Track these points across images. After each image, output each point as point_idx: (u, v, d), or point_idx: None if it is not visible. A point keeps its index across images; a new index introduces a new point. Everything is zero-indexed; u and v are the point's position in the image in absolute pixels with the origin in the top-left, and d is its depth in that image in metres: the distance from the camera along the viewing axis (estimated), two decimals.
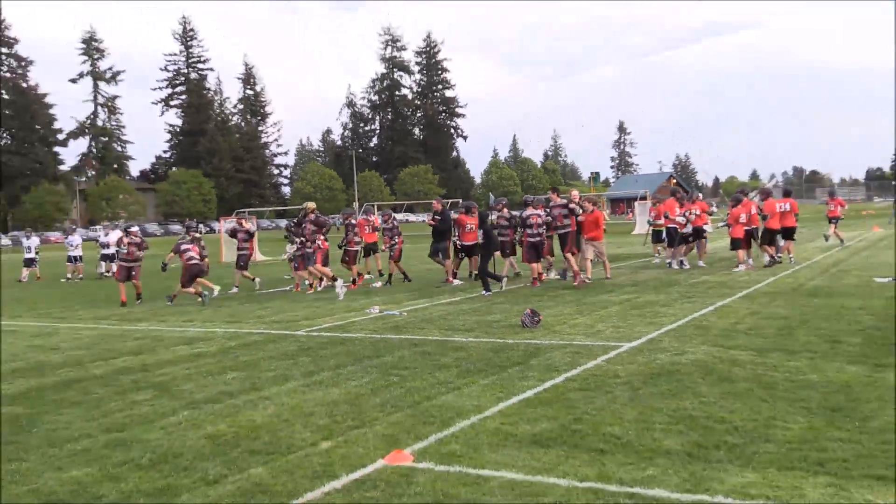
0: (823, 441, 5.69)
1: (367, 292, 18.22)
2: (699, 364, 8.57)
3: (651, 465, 5.33)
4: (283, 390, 8.22)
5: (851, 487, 4.79)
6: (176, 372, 9.55)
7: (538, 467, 5.38)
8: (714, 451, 5.58)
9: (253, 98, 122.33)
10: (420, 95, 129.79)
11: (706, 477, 5.05)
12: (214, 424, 6.94)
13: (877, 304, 12.66)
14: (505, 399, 7.35)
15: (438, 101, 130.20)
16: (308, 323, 13.35)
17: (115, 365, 10.25)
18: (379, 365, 9.36)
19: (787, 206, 20.86)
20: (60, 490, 5.40)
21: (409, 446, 5.97)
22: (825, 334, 10.07)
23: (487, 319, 12.81)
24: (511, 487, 5.02)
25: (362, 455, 5.82)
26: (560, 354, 9.50)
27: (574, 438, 6.01)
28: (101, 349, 11.65)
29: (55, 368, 10.19)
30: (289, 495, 5.05)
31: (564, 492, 4.89)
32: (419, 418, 6.82)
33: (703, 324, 11.41)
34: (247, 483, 5.34)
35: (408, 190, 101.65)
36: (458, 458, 5.65)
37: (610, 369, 8.53)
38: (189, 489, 5.28)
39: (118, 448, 6.35)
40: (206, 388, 8.54)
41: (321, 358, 10.01)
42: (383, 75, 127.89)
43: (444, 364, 9.22)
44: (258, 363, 9.87)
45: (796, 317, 11.63)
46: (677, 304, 13.76)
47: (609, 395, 7.33)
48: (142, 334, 13.06)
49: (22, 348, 12.10)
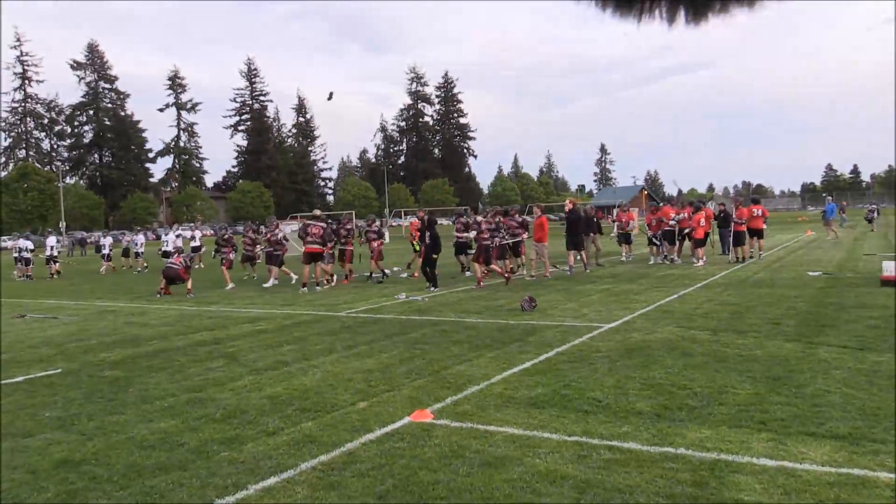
0: (766, 404, 5.67)
1: (395, 282, 18.16)
2: (665, 341, 8.53)
3: (626, 423, 5.33)
4: (328, 360, 8.24)
5: (789, 442, 4.77)
6: (242, 344, 9.59)
7: (534, 424, 5.38)
8: (677, 411, 5.57)
9: (304, 124, 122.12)
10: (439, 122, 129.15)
11: (670, 433, 5.04)
12: (273, 387, 6.97)
13: (809, 292, 12.57)
14: (507, 369, 7.35)
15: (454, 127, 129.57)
16: (348, 306, 13.38)
17: (193, 338, 10.31)
18: (405, 340, 9.37)
19: (759, 211, 20.59)
20: (151, 438, 5.44)
21: (429, 406, 5.98)
22: (768, 318, 10.01)
23: (494, 305, 12.79)
24: (512, 440, 5.02)
25: (392, 413, 5.84)
26: (552, 333, 9.48)
27: (563, 401, 6.00)
28: (182, 326, 11.71)
29: (146, 341, 10.26)
30: (333, 445, 5.07)
31: (556, 444, 4.90)
32: (438, 384, 6.83)
33: (669, 308, 11.35)
34: (299, 434, 5.36)
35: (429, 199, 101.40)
36: (470, 417, 5.66)
37: (593, 345, 8.51)
38: (253, 439, 5.31)
39: (196, 405, 6.39)
40: (266, 357, 8.58)
41: (359, 334, 10.03)
42: (409, 105, 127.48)
43: (458, 340, 9.22)
44: (308, 338, 9.90)
45: (744, 303, 11.56)
46: (648, 292, 13.69)
47: (592, 367, 7.31)
48: (214, 314, 13.12)
49: (120, 324, 12.18)
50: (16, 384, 7.64)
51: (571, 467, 4.45)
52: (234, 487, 4.35)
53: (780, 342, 8.24)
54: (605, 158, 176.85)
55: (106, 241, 28.78)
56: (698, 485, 4.12)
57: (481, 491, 4.14)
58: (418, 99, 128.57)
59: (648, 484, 4.15)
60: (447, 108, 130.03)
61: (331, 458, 4.81)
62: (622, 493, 4.03)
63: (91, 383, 7.53)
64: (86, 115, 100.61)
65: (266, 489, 4.32)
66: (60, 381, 7.68)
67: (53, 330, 11.86)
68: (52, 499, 4.32)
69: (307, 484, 4.36)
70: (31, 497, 4.36)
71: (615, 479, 4.23)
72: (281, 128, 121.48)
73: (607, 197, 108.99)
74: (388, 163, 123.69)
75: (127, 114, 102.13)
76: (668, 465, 4.42)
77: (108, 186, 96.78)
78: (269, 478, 4.48)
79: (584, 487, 4.14)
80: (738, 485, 4.10)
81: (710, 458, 4.53)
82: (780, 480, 4.14)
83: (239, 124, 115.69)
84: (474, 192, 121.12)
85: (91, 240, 29.47)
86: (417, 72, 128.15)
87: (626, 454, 4.65)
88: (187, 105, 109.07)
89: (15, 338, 11.11)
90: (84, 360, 8.88)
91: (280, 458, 4.85)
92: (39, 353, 9.61)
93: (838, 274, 15.65)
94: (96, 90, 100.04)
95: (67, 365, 8.62)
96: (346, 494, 4.18)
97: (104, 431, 5.69)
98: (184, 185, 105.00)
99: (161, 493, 4.31)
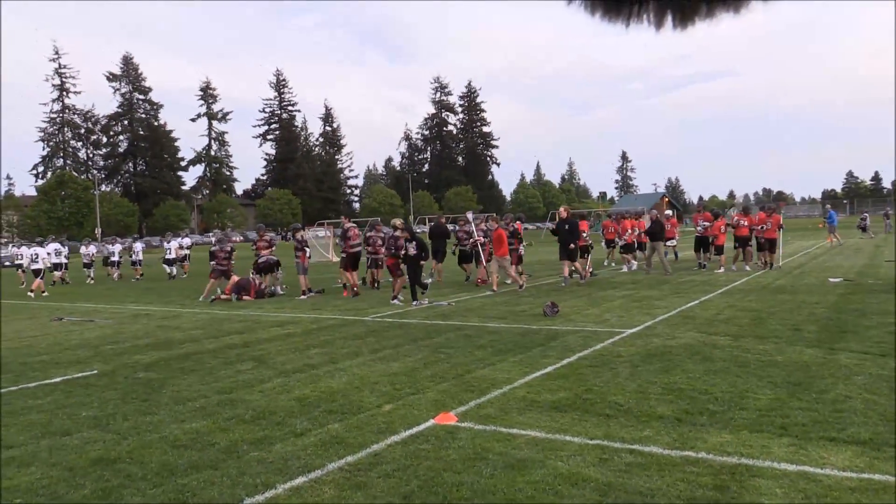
0: (786, 409, 5.61)
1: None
2: (686, 347, 8.47)
3: (647, 427, 5.30)
4: (354, 363, 8.28)
5: (809, 447, 4.71)
6: (271, 348, 9.66)
7: (556, 427, 5.36)
8: (698, 416, 5.52)
9: (331, 133, 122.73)
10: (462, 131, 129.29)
11: (691, 437, 5.00)
12: (301, 389, 7.01)
13: (830, 299, 12.40)
14: (530, 373, 7.34)
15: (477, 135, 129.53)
16: (374, 311, 13.42)
17: (224, 341, 10.40)
18: (430, 345, 9.39)
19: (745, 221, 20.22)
20: (183, 437, 5.51)
21: (453, 409, 5.99)
22: (788, 323, 9.89)
23: (516, 310, 12.77)
24: (535, 443, 5.01)
25: (417, 416, 5.85)
26: (574, 338, 9.45)
27: (585, 405, 5.98)
28: (213, 329, 11.83)
29: (178, 344, 10.37)
30: (359, 446, 5.10)
31: (578, 447, 4.88)
32: (462, 387, 6.83)
33: (689, 314, 11.26)
34: (326, 436, 5.40)
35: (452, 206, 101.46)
36: (493, 420, 5.65)
37: (614, 350, 8.47)
38: (281, 439, 5.35)
39: (227, 406, 6.45)
40: (294, 360, 8.64)
41: (384, 338, 10.06)
42: (433, 115, 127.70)
43: (482, 345, 9.21)
44: (335, 342, 9.95)
45: (765, 309, 11.43)
46: (669, 298, 13.59)
47: (613, 371, 7.28)
48: (244, 318, 13.23)
49: (153, 328, 12.33)
50: (54, 385, 7.77)
51: (593, 470, 4.43)
52: (264, 486, 4.39)
53: (801, 348, 8.15)
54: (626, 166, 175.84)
55: (115, 248, 28.90)
56: (719, 489, 4.08)
57: (504, 493, 4.14)
58: (442, 108, 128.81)
59: (670, 487, 4.12)
60: (470, 117, 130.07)
61: (357, 458, 4.83)
62: (643, 497, 4.01)
63: (126, 384, 7.63)
64: (121, 125, 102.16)
65: (294, 489, 4.35)
66: (96, 382, 7.80)
67: (90, 333, 12.03)
68: (89, 496, 4.39)
69: (334, 484, 4.39)
70: (69, 494, 4.43)
71: (636, 483, 4.21)
72: (308, 137, 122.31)
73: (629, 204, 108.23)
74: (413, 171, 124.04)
75: (160, 124, 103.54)
76: (689, 469, 4.39)
77: (141, 194, 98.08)
78: (298, 477, 4.52)
79: (606, 490, 4.12)
80: (759, 489, 4.06)
81: (732, 462, 4.49)
82: (801, 485, 4.10)
83: (268, 133, 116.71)
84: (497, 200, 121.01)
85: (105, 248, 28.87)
86: (441, 81, 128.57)
87: (648, 458, 4.63)
88: (218, 115, 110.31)
89: (53, 340, 11.29)
90: (119, 362, 9.00)
91: (308, 458, 4.89)
92: (76, 354, 9.76)
93: (859, 280, 15.42)
94: (131, 101, 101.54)
95: (103, 366, 8.75)
96: (371, 495, 4.20)
97: (138, 431, 5.77)
98: (215, 192, 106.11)
99: (193, 492, 4.36)
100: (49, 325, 13.53)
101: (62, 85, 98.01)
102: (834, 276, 16.50)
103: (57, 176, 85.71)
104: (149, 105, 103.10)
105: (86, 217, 79.43)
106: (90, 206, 79.27)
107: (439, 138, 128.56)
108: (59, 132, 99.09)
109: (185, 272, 27.83)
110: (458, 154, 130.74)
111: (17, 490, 4.52)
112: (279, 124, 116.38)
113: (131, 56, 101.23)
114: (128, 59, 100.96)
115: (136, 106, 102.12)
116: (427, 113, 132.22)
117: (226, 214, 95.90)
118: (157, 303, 17.17)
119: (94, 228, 72.14)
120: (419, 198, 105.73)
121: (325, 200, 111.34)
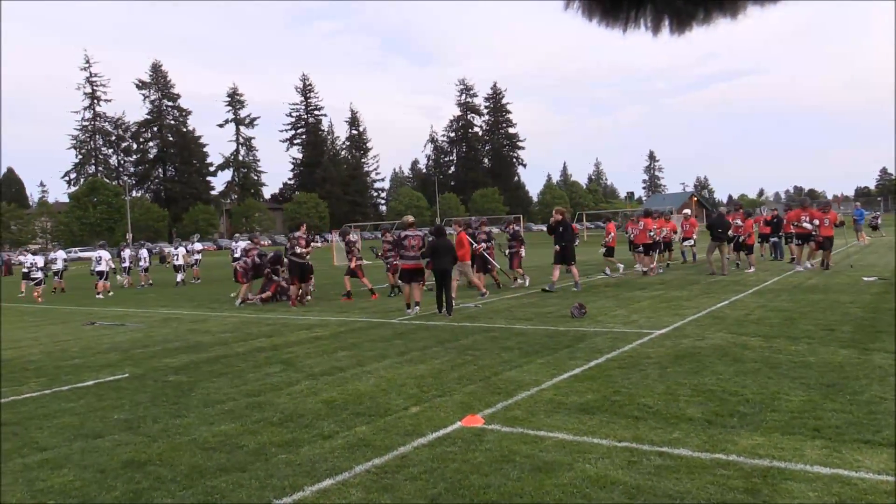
0: (820, 411, 5.51)
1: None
2: (716, 348, 8.37)
3: (677, 429, 5.24)
4: (381, 366, 8.30)
5: (843, 450, 4.63)
6: (299, 350, 9.72)
7: (584, 430, 5.32)
8: (729, 418, 5.45)
9: (357, 136, 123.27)
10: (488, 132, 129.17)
11: (722, 439, 4.94)
12: (328, 392, 7.04)
13: (865, 298, 12.17)
14: (557, 375, 7.30)
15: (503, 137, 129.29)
16: (401, 313, 13.44)
17: (252, 345, 10.49)
18: (457, 347, 9.38)
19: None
20: (212, 440, 5.56)
21: (480, 412, 5.97)
22: (821, 324, 9.72)
23: (543, 311, 12.71)
24: (562, 446, 4.98)
25: (443, 418, 5.85)
26: (602, 339, 9.38)
27: (614, 407, 5.93)
28: (241, 332, 11.93)
29: (207, 347, 10.48)
30: (386, 448, 5.10)
31: (606, 450, 4.84)
32: (489, 389, 6.81)
33: (719, 315, 11.12)
34: (353, 438, 5.41)
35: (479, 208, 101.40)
36: (520, 422, 5.63)
37: (643, 352, 8.39)
38: (309, 442, 5.38)
39: (255, 409, 6.50)
40: (321, 363, 8.68)
41: (411, 341, 10.07)
42: (459, 117, 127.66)
43: (509, 346, 9.18)
44: (362, 344, 9.98)
45: (797, 309, 11.26)
46: (698, 298, 13.44)
47: (642, 373, 7.21)
48: (272, 321, 13.33)
49: (183, 332, 12.47)
50: (86, 388, 7.89)
51: (622, 473, 4.39)
52: (291, 489, 4.41)
53: (834, 348, 8.00)
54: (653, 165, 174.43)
55: (195, 247, 28.72)
56: (751, 492, 4.02)
57: (532, 495, 4.12)
58: (467, 110, 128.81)
59: (700, 490, 4.07)
60: (496, 119, 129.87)
61: (384, 461, 4.84)
62: (673, 499, 3.96)
63: (156, 387, 7.73)
64: (150, 132, 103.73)
65: (322, 491, 4.37)
66: (127, 385, 7.91)
67: (121, 336, 12.21)
68: (120, 497, 4.44)
69: (361, 486, 4.40)
70: (101, 496, 4.49)
71: (666, 485, 4.16)
72: (335, 140, 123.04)
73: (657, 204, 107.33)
74: (439, 173, 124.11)
75: (189, 130, 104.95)
76: (719, 472, 4.33)
77: (171, 199, 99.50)
78: (325, 480, 4.54)
79: (635, 493, 4.08)
80: (792, 492, 3.99)
81: (763, 465, 4.42)
82: (835, 488, 4.02)
83: (294, 138, 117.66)
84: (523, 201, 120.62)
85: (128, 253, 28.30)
86: (466, 83, 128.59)
87: (677, 460, 4.57)
88: (245, 120, 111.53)
89: (86, 344, 11.48)
90: (149, 366, 9.12)
91: (335, 460, 4.90)
92: (108, 358, 9.91)
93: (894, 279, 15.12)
94: (160, 108, 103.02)
95: (134, 370, 8.87)
96: (398, 497, 4.20)
97: (168, 433, 5.84)
98: (243, 197, 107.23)
99: (222, 494, 4.40)
100: (82, 329, 13.76)
101: (93, 93, 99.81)
102: (868, 275, 16.20)
103: (89, 183, 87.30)
104: (177, 112, 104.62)
105: (117, 223, 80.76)
106: (121, 211, 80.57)
107: (465, 140, 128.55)
108: (91, 140, 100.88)
109: (195, 277, 27.24)
110: (483, 156, 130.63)
111: (50, 491, 4.60)
112: (306, 128, 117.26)
113: (160, 63, 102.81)
114: (157, 66, 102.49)
115: (166, 113, 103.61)
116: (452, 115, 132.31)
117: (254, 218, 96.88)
118: (186, 307, 17.37)
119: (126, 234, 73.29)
120: (445, 200, 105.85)
121: (352, 203, 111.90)
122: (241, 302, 16.83)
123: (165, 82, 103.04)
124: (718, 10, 1.11)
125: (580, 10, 1.15)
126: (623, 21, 1.15)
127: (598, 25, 1.15)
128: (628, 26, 1.15)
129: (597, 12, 1.15)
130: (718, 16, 1.12)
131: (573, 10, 1.15)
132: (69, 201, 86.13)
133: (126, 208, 79.33)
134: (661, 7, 1.13)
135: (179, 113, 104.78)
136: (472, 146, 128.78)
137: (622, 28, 1.15)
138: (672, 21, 1.13)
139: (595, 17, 1.15)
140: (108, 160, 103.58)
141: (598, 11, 1.15)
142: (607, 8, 1.14)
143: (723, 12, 1.11)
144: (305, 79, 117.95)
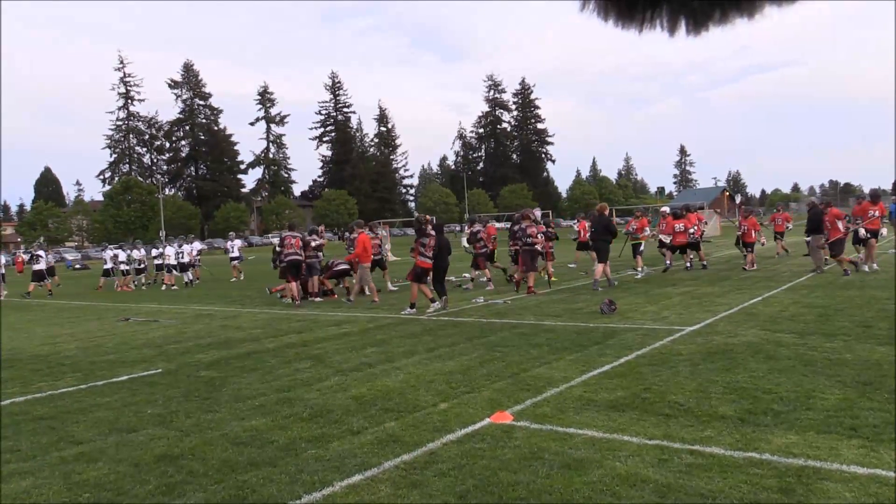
0: (856, 410, 5.40)
1: (476, 286, 18.01)
2: (749, 344, 8.24)
3: (708, 427, 5.17)
4: (410, 362, 8.31)
5: (881, 449, 4.52)
6: (328, 347, 9.78)
7: (614, 427, 5.28)
8: (762, 416, 5.37)
9: (385, 133, 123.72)
10: (517, 128, 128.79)
11: (755, 438, 4.86)
12: (357, 388, 7.07)
13: None
14: (587, 371, 7.25)
15: (532, 132, 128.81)
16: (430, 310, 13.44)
17: (282, 341, 10.57)
18: (485, 343, 9.36)
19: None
20: (243, 435, 5.61)
21: (509, 408, 5.95)
22: (858, 320, 9.53)
23: (572, 307, 12.64)
24: (592, 443, 4.94)
25: (472, 414, 5.84)
26: (632, 336, 9.30)
27: (644, 404, 5.87)
28: (272, 329, 12.03)
29: (239, 343, 10.59)
30: (415, 445, 5.11)
31: (636, 447, 4.79)
32: (517, 386, 6.79)
33: (752, 311, 10.96)
34: (382, 434, 5.42)
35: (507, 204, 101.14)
36: (549, 419, 5.60)
37: (674, 348, 8.30)
38: (338, 437, 5.40)
39: (285, 404, 6.55)
40: (350, 359, 8.72)
41: (440, 337, 10.08)
42: (487, 113, 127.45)
43: (538, 343, 9.14)
44: (391, 341, 10.01)
45: (832, 306, 11.06)
46: (730, 294, 13.26)
47: (673, 370, 7.13)
48: (302, 318, 13.43)
49: (215, 328, 12.62)
50: (121, 383, 8.02)
51: (652, 471, 4.34)
52: (321, 484, 4.44)
53: (871, 345, 7.84)
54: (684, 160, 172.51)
55: (235, 244, 28.26)
56: (784, 491, 3.95)
57: (561, 493, 4.09)
58: (496, 106, 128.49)
59: (732, 489, 4.01)
60: (524, 114, 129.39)
61: (413, 457, 4.84)
62: (704, 498, 3.91)
63: (188, 383, 7.82)
64: (183, 131, 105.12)
65: (351, 486, 4.39)
66: (160, 381, 8.02)
67: (154, 332, 12.39)
68: (153, 490, 4.50)
69: (390, 482, 4.41)
70: (134, 489, 4.55)
71: (697, 484, 4.10)
72: (363, 138, 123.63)
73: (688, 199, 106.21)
74: (467, 169, 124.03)
75: (220, 128, 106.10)
76: (752, 471, 4.26)
77: (203, 197, 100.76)
78: (354, 475, 4.55)
79: (665, 492, 4.03)
80: (827, 492, 3.92)
81: (797, 464, 4.34)
82: (872, 489, 3.93)
83: (324, 135, 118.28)
84: (552, 197, 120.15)
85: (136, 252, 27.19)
86: (495, 79, 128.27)
87: (709, 459, 4.51)
88: (276, 118, 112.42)
89: (120, 340, 11.66)
90: (182, 361, 9.24)
91: (364, 456, 4.92)
92: (142, 353, 10.06)
93: None
94: (192, 107, 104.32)
95: (167, 365, 8.99)
96: (427, 493, 4.20)
97: (200, 428, 5.90)
98: (273, 194, 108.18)
99: (252, 488, 4.44)
100: (116, 325, 13.99)
101: (127, 93, 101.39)
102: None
103: (123, 181, 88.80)
104: (209, 111, 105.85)
105: (150, 220, 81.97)
106: (154, 209, 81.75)
107: (493, 136, 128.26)
108: (125, 139, 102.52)
109: (196, 278, 26.28)
110: (512, 151, 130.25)
111: (85, 484, 4.67)
112: (335, 126, 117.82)
113: (192, 63, 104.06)
114: (188, 66, 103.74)
115: (197, 111, 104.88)
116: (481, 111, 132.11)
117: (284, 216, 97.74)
118: (218, 303, 17.58)
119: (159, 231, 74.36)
120: (474, 196, 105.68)
121: (381, 200, 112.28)
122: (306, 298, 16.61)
123: (197, 82, 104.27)
124: (735, 10, 1.10)
125: (596, 11, 1.15)
126: (639, 22, 1.14)
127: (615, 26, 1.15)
128: (644, 27, 1.14)
129: (612, 13, 1.14)
130: (735, 16, 1.11)
131: (589, 11, 1.14)
132: (104, 199, 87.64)
133: (160, 206, 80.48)
134: (677, 7, 1.12)
135: (211, 111, 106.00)
136: (500, 142, 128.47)
137: (637, 29, 1.14)
138: (688, 21, 1.12)
139: (611, 18, 1.15)
140: (141, 159, 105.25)
141: (613, 12, 1.14)
142: (623, 9, 1.14)
143: (740, 12, 1.10)
144: (335, 76, 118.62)
